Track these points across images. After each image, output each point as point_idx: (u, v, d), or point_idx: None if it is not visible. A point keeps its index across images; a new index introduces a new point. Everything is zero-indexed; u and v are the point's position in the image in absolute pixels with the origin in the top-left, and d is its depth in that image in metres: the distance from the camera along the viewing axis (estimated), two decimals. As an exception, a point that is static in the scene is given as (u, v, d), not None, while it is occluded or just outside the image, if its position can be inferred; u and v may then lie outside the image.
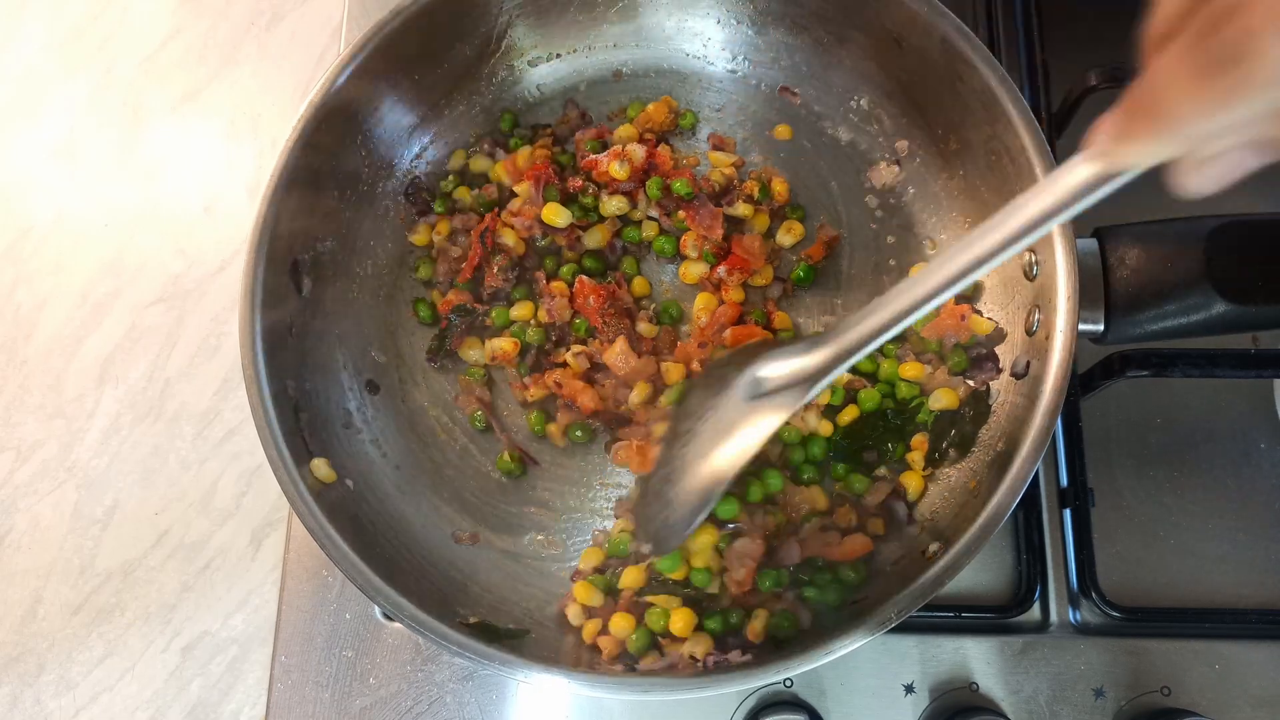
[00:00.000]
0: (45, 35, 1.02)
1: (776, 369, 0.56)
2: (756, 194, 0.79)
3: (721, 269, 0.78)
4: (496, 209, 0.80)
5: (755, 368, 0.58)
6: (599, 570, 0.71)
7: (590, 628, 0.68)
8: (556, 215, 0.77)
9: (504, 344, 0.76)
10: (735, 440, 0.57)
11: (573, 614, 0.69)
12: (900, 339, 0.76)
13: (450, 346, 0.78)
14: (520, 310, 0.78)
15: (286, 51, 1.01)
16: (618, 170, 0.77)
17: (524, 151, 0.81)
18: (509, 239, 0.78)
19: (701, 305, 0.77)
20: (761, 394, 0.56)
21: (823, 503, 0.71)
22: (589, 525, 0.76)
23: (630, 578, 0.68)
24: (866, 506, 0.71)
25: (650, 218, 0.80)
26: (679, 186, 0.77)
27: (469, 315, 0.78)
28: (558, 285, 0.78)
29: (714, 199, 0.79)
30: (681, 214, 0.78)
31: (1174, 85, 0.31)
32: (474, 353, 0.78)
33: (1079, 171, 0.40)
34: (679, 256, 0.80)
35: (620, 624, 0.66)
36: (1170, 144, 0.33)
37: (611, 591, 0.69)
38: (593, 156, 0.79)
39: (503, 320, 0.78)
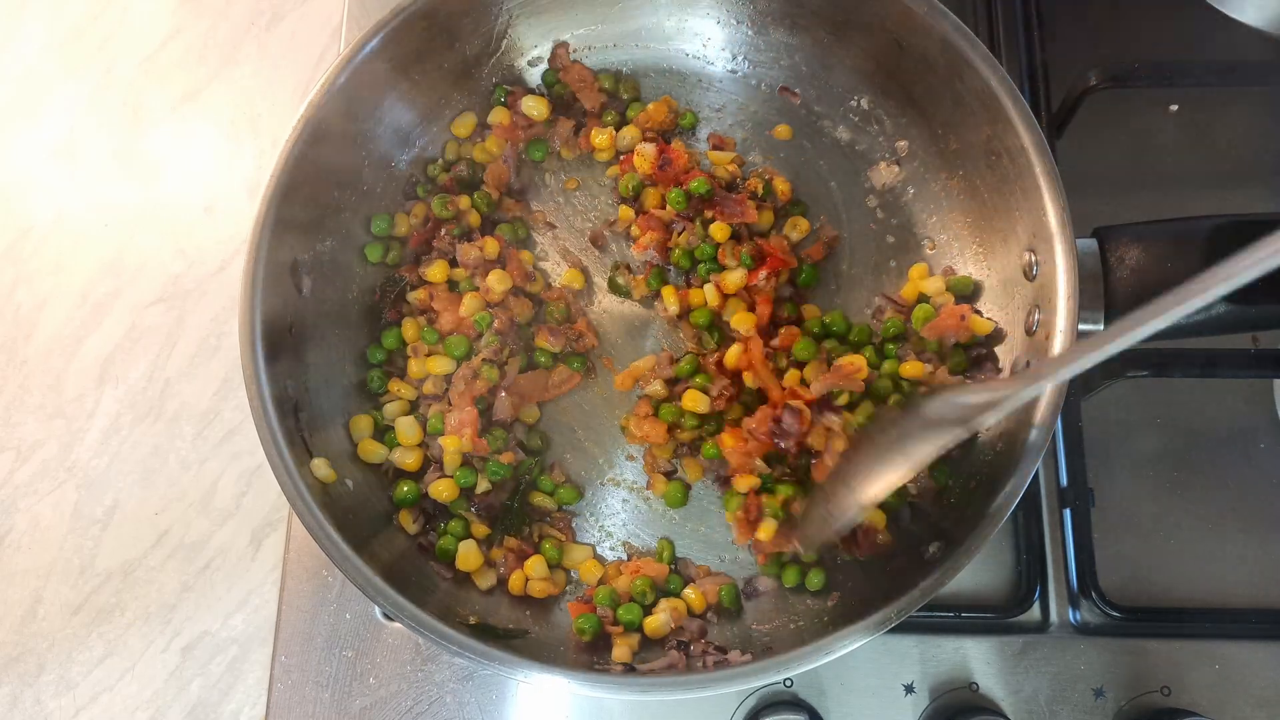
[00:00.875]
0: (45, 35, 1.02)
1: (960, 397, 0.60)
2: (760, 191, 0.79)
3: (762, 273, 0.76)
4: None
5: (941, 396, 0.62)
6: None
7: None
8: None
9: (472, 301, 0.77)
10: (908, 447, 0.61)
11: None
12: (901, 339, 0.76)
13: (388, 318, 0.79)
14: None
15: (286, 51, 1.01)
16: (600, 141, 0.80)
17: (499, 111, 0.82)
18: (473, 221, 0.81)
19: (739, 321, 0.75)
20: (941, 416, 0.60)
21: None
22: (593, 525, 0.76)
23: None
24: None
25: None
26: (696, 186, 0.77)
27: (396, 284, 0.79)
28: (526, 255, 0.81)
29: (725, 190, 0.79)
30: (709, 213, 0.78)
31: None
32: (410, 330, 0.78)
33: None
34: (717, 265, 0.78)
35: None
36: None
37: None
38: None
39: (438, 277, 0.78)
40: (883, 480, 0.61)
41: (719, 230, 0.77)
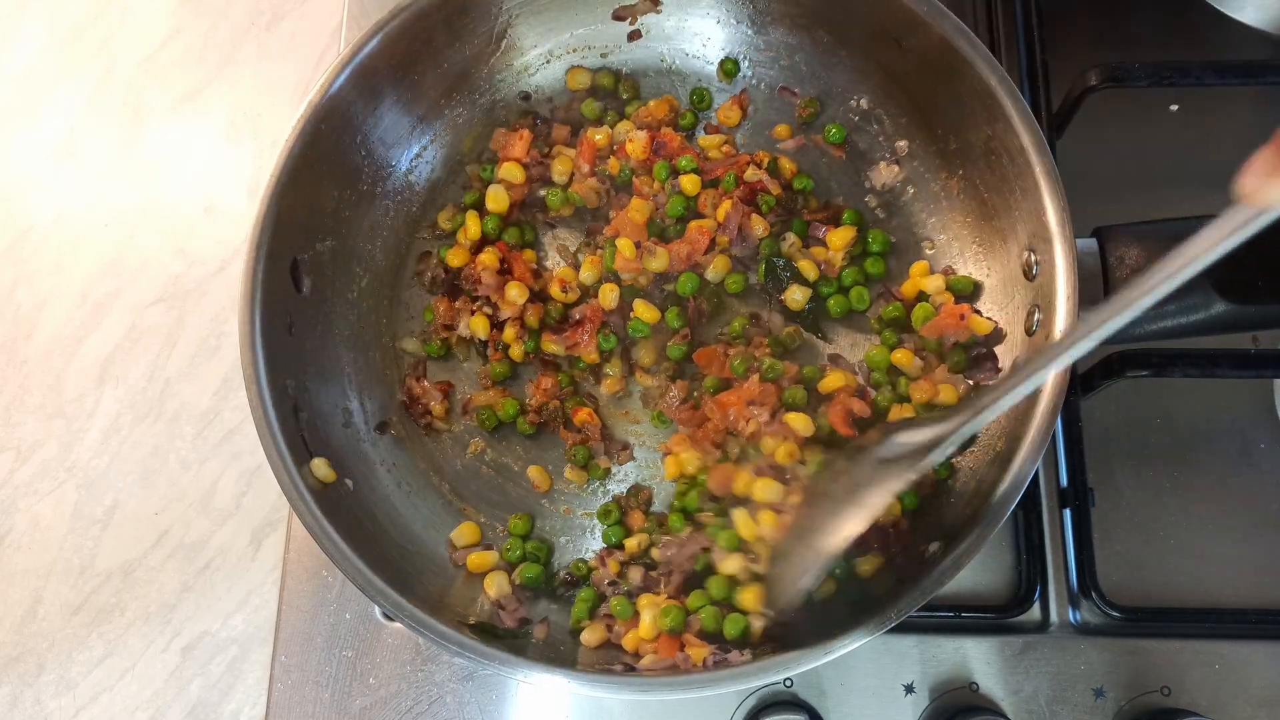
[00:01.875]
0: (45, 35, 1.02)
1: (908, 436, 0.60)
2: (766, 164, 0.79)
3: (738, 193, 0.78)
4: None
5: (890, 437, 0.61)
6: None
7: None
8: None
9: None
10: (863, 497, 0.59)
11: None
12: (899, 326, 0.76)
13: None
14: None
15: (286, 51, 1.01)
16: (601, 140, 0.80)
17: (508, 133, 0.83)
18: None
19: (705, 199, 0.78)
20: (892, 457, 0.59)
21: None
22: (592, 523, 0.76)
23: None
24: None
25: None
26: (684, 163, 0.77)
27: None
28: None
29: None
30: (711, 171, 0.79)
31: None
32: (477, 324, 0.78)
33: (1234, 214, 0.40)
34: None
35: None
36: None
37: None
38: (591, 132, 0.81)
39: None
40: (841, 533, 0.58)
41: (689, 182, 0.77)
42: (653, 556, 0.71)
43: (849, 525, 0.58)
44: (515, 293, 0.77)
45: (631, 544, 0.72)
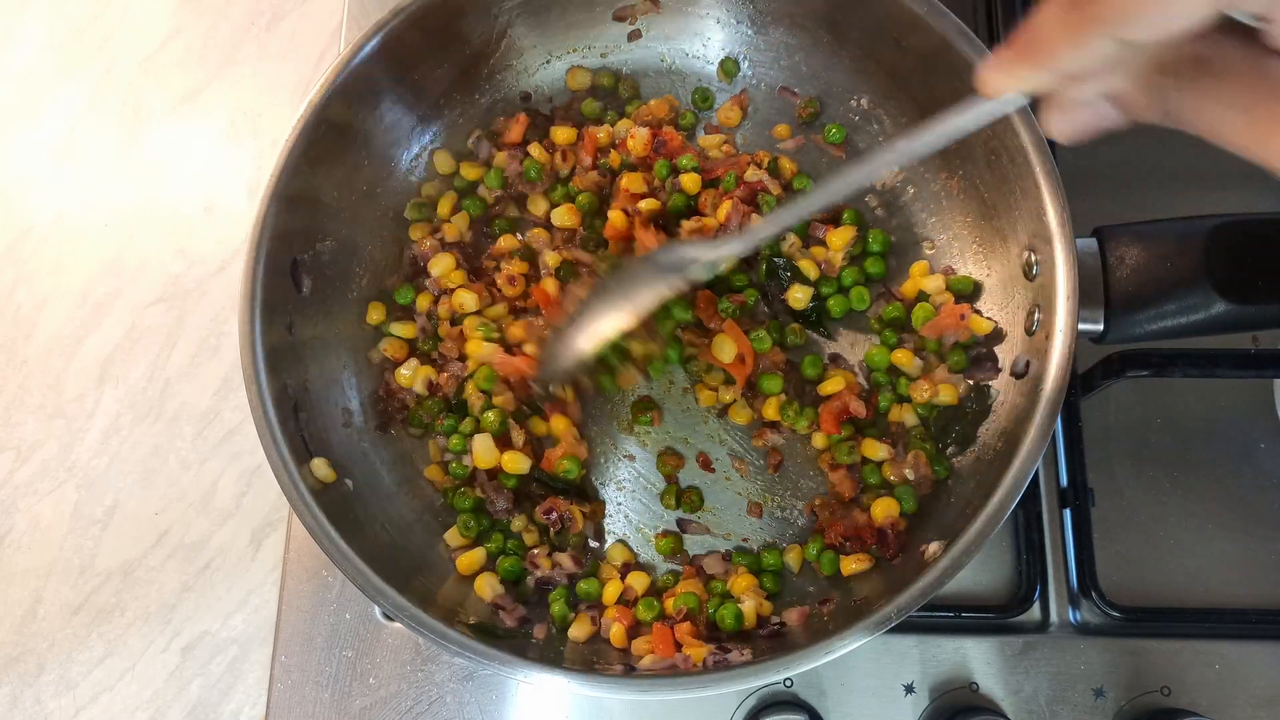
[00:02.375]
0: (45, 35, 1.02)
1: (690, 249, 0.68)
2: (766, 164, 0.79)
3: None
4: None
5: (672, 248, 0.70)
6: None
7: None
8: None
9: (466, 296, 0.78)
10: (638, 294, 0.67)
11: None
12: (899, 326, 0.76)
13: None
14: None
15: (286, 51, 1.01)
16: (602, 137, 0.81)
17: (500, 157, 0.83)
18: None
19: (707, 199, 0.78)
20: (670, 265, 0.68)
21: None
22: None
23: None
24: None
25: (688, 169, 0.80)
26: (685, 161, 0.78)
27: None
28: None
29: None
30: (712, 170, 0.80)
31: (1046, 21, 0.36)
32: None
33: (973, 104, 0.46)
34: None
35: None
36: (1039, 75, 0.38)
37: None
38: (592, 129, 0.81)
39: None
40: (609, 323, 0.67)
41: (690, 181, 0.78)
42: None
43: (618, 316, 0.67)
44: (441, 268, 0.78)
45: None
